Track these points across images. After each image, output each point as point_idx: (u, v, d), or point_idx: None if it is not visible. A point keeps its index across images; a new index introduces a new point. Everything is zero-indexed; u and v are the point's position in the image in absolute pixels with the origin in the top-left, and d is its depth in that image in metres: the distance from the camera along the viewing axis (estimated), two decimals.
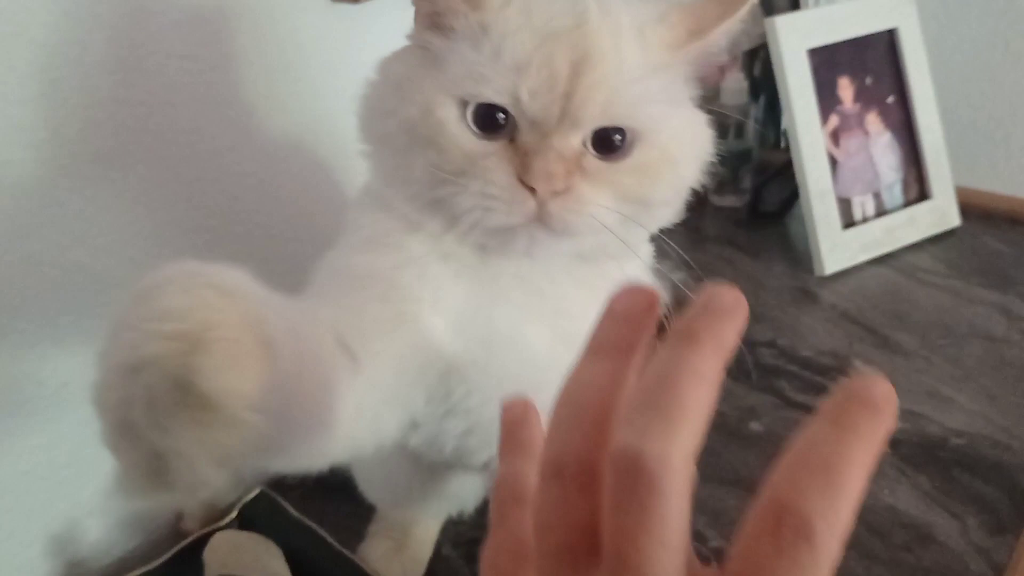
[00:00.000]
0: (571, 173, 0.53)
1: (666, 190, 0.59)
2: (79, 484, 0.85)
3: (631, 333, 0.33)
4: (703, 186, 0.63)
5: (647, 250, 0.67)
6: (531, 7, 0.55)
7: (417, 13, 0.59)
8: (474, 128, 0.55)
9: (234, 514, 0.90)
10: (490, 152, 0.54)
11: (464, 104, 0.55)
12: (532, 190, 0.53)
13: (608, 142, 0.55)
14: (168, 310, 0.36)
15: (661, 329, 0.32)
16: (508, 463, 0.39)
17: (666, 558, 0.29)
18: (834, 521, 0.28)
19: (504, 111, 0.54)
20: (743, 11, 0.57)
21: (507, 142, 0.55)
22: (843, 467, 0.28)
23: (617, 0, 0.57)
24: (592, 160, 0.55)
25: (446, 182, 0.55)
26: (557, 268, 0.61)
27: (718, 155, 0.63)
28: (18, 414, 0.79)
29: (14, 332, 0.77)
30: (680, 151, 0.59)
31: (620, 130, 0.55)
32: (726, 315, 0.31)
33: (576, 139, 0.54)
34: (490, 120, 0.54)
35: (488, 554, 0.37)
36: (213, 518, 0.90)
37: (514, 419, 0.40)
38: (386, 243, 0.60)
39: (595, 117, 0.54)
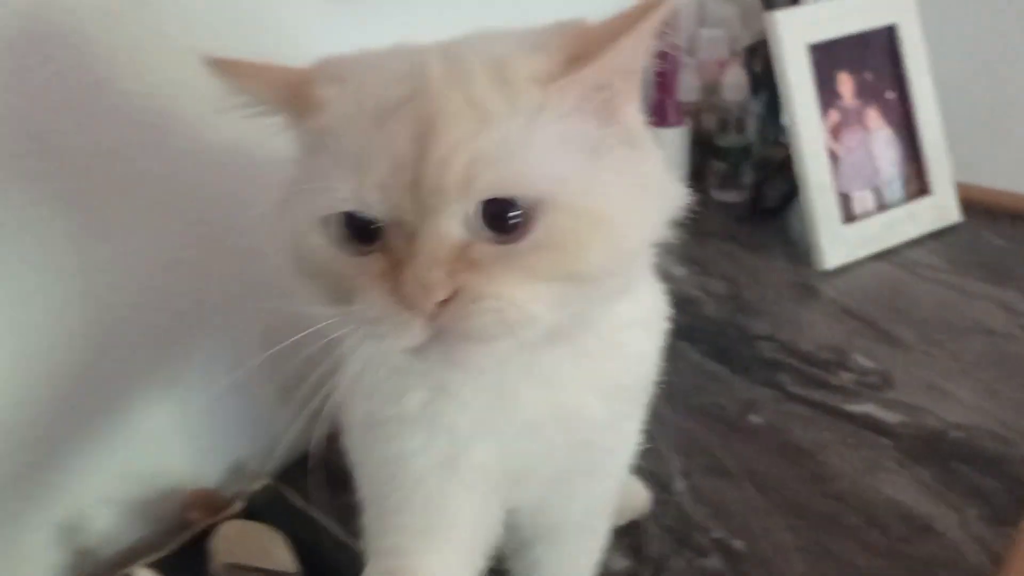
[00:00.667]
0: (455, 272, 0.43)
1: (601, 258, 0.46)
2: (87, 474, 0.86)
3: None
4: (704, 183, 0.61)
5: (644, 282, 0.61)
6: (364, 89, 0.47)
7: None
8: (346, 245, 0.47)
9: (240, 504, 0.91)
10: (363, 269, 0.46)
11: (327, 223, 0.47)
12: (412, 307, 0.44)
13: (501, 220, 0.44)
14: None
15: None
16: None
17: None
18: None
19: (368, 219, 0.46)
20: (647, 26, 0.45)
21: (380, 253, 0.46)
22: None
23: (474, 41, 0.49)
24: (483, 248, 0.45)
25: (335, 313, 0.47)
26: (534, 358, 0.53)
27: (690, 208, 0.53)
28: (25, 405, 0.80)
29: None
30: (610, 208, 0.46)
31: (511, 203, 0.44)
32: None
33: (450, 228, 0.44)
34: (364, 231, 0.46)
35: None
36: (219, 509, 0.90)
37: None
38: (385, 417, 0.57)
39: (460, 195, 0.43)
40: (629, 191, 0.48)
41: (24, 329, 0.78)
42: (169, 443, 0.93)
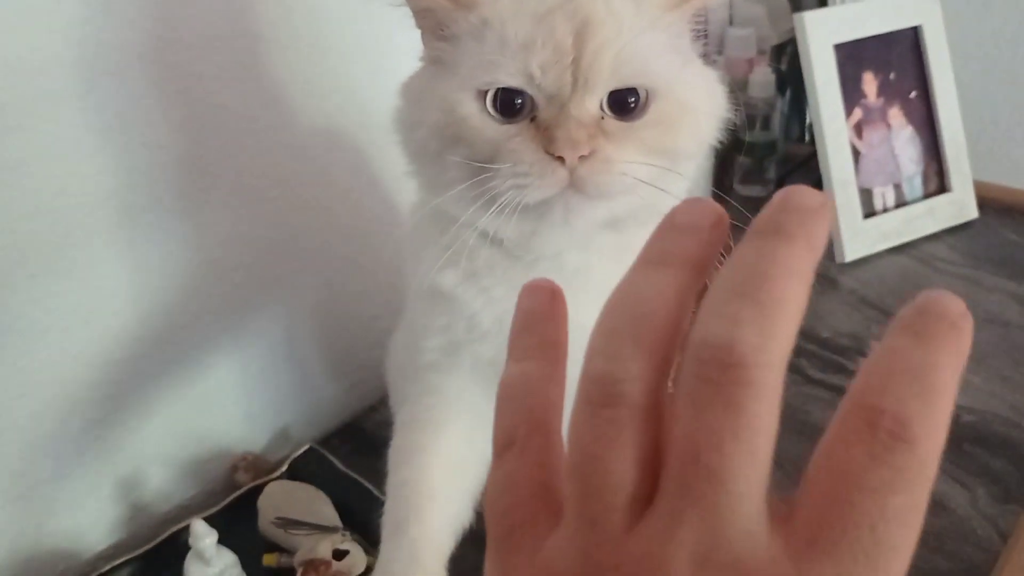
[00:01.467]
0: (593, 137, 0.55)
1: (688, 140, 0.60)
2: (144, 433, 0.91)
3: (698, 247, 0.28)
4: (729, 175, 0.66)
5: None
6: None
7: (422, 31, 0.62)
8: (495, 115, 0.57)
9: (284, 468, 0.95)
10: (514, 134, 0.56)
11: (482, 95, 0.57)
12: (560, 160, 0.54)
13: (623, 105, 0.57)
14: None
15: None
16: (527, 365, 0.31)
17: (751, 471, 0.25)
18: (934, 426, 0.25)
19: (521, 94, 0.57)
20: None
21: (528, 122, 0.57)
22: (936, 373, 0.25)
23: None
24: (611, 122, 0.57)
25: (479, 171, 0.57)
26: (592, 249, 0.63)
27: (735, 113, 0.65)
28: (90, 364, 0.85)
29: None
30: (696, 101, 0.60)
31: (633, 91, 0.57)
32: (815, 212, 0.27)
33: (592, 104, 0.56)
34: (509, 106, 0.57)
35: (500, 488, 0.30)
36: (264, 471, 0.95)
37: (539, 310, 0.32)
38: (440, 259, 0.65)
39: (606, 80, 0.56)
40: (703, 92, 0.62)
41: (98, 293, 0.84)
42: (220, 408, 0.98)
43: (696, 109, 0.60)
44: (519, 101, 0.57)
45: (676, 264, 0.28)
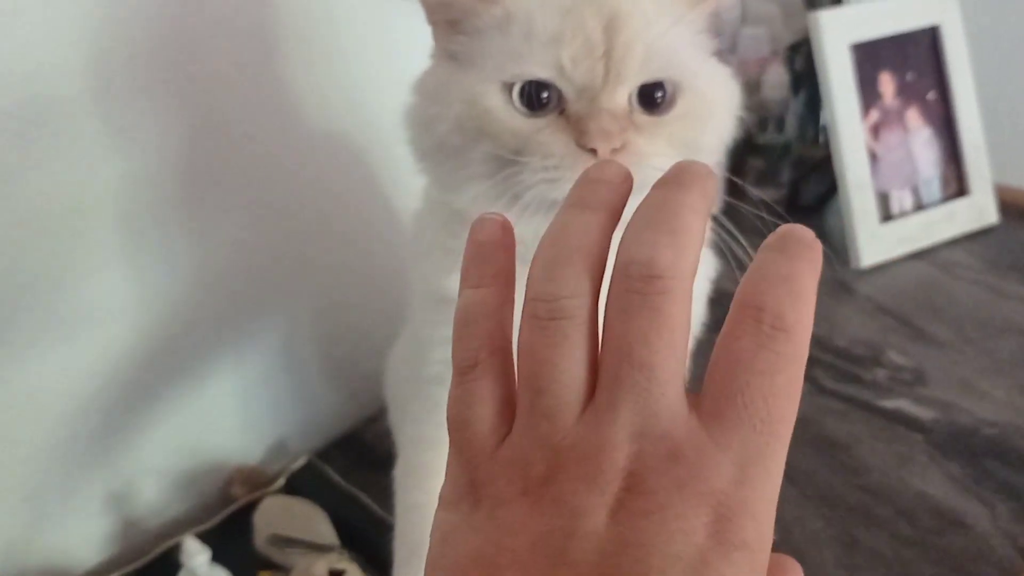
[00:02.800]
0: (625, 130, 0.55)
1: (711, 135, 0.61)
2: (137, 446, 0.89)
3: (612, 195, 0.35)
4: (742, 178, 0.65)
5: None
6: None
7: (435, 28, 0.60)
8: (522, 108, 0.56)
9: (282, 481, 0.93)
10: (542, 127, 0.56)
11: (508, 88, 0.56)
12: (593, 152, 0.54)
13: (651, 99, 0.57)
14: None
15: None
16: (483, 292, 0.36)
17: (673, 361, 0.31)
18: (803, 318, 0.31)
19: (548, 87, 0.56)
20: None
21: (556, 115, 0.56)
22: (801, 279, 0.31)
23: None
24: (640, 116, 0.57)
25: (506, 164, 0.56)
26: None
27: (745, 112, 0.65)
28: (80, 376, 0.83)
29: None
30: (716, 96, 0.61)
31: (660, 85, 0.57)
32: (707, 174, 0.34)
33: (623, 97, 0.56)
34: (536, 99, 0.56)
35: (465, 402, 0.34)
36: (261, 484, 0.93)
37: (491, 241, 0.37)
38: (446, 262, 0.64)
39: (637, 73, 0.56)
40: (722, 88, 0.62)
41: (92, 303, 0.81)
42: (216, 419, 0.96)
43: (718, 103, 0.61)
44: (546, 95, 0.56)
45: (598, 207, 0.35)
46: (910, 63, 1.35)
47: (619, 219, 0.35)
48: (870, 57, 1.31)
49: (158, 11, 0.79)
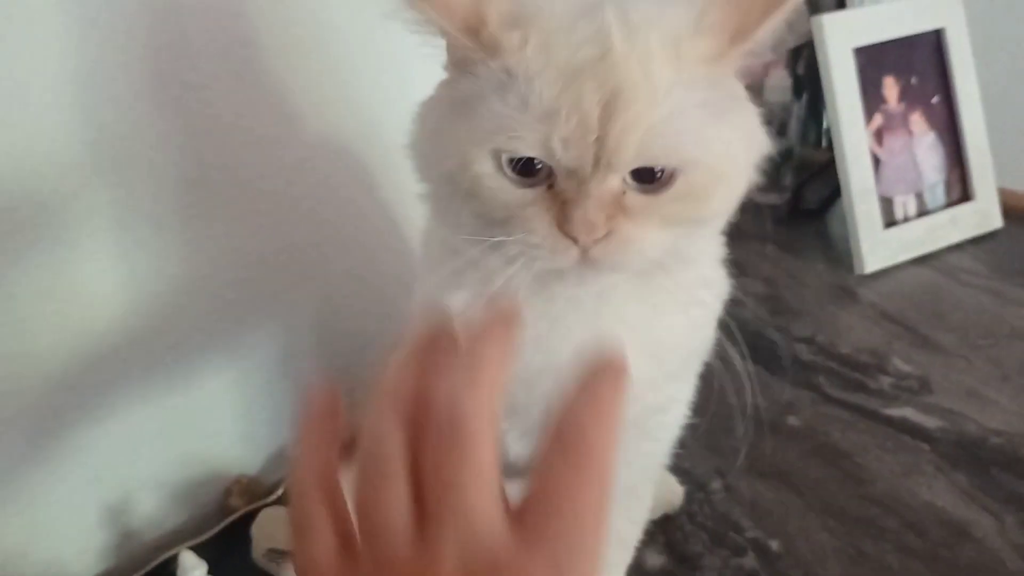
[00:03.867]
0: (612, 217, 0.51)
1: (717, 206, 0.56)
2: (134, 457, 0.88)
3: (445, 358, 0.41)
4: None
5: (715, 247, 0.66)
6: (550, 43, 0.51)
7: (448, 55, 0.57)
8: (512, 176, 0.53)
9: (280, 492, 0.92)
10: (528, 201, 0.53)
11: (499, 155, 0.52)
12: (573, 240, 0.51)
13: (648, 174, 0.52)
14: None
15: None
16: (313, 455, 0.42)
17: (483, 487, 0.37)
18: (605, 442, 0.38)
19: (540, 160, 0.52)
20: (791, 3, 0.52)
21: (546, 188, 0.53)
22: (603, 404, 0.39)
23: (642, 10, 0.53)
24: (633, 196, 0.52)
25: (491, 231, 0.54)
26: (612, 289, 0.59)
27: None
28: (75, 388, 0.82)
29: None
30: (731, 166, 0.55)
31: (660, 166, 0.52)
32: (507, 321, 0.41)
33: (614, 181, 0.52)
34: (528, 167, 0.52)
35: (306, 570, 0.40)
36: (259, 495, 0.92)
37: (315, 412, 0.43)
38: (454, 282, 0.62)
39: (630, 160, 0.51)
40: (740, 145, 0.55)
41: (86, 311, 0.80)
42: (214, 429, 0.95)
43: (729, 174, 0.54)
44: (539, 166, 0.52)
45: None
46: (914, 67, 1.34)
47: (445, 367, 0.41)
48: (873, 61, 1.30)
49: (156, 18, 0.78)
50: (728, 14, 0.52)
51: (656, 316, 0.61)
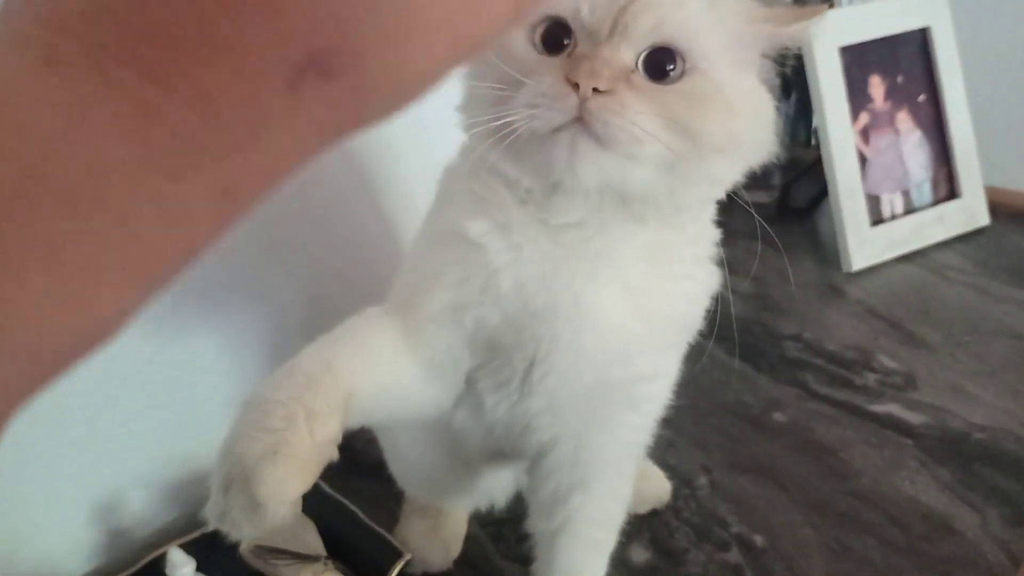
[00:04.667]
0: (616, 79, 0.54)
1: (715, 128, 0.57)
2: (124, 455, 0.88)
3: None
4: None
5: (711, 232, 0.69)
6: None
7: None
8: (540, 47, 0.58)
9: None
10: (547, 63, 0.57)
11: (533, 29, 0.58)
12: (575, 87, 0.54)
13: (660, 70, 0.56)
14: (265, 425, 0.56)
15: None
16: None
17: None
18: None
19: (567, 33, 0.57)
20: (819, 18, 0.60)
21: (565, 57, 0.57)
22: None
23: None
24: (640, 78, 0.56)
25: (503, 94, 0.57)
26: (617, 234, 0.61)
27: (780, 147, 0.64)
28: (64, 386, 0.82)
29: None
30: (736, 98, 0.58)
31: (672, 59, 0.56)
32: None
33: (627, 54, 0.55)
34: (555, 43, 0.57)
35: None
36: None
37: None
38: (473, 207, 0.64)
39: (645, 33, 0.55)
40: (749, 102, 0.60)
41: None
42: (203, 427, 0.95)
43: (732, 102, 0.58)
44: (566, 41, 0.57)
45: None
46: (900, 65, 1.35)
47: None
48: (860, 60, 1.31)
49: None
50: (766, 9, 0.60)
51: (652, 280, 0.63)
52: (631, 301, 0.62)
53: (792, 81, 1.54)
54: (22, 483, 0.82)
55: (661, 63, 0.56)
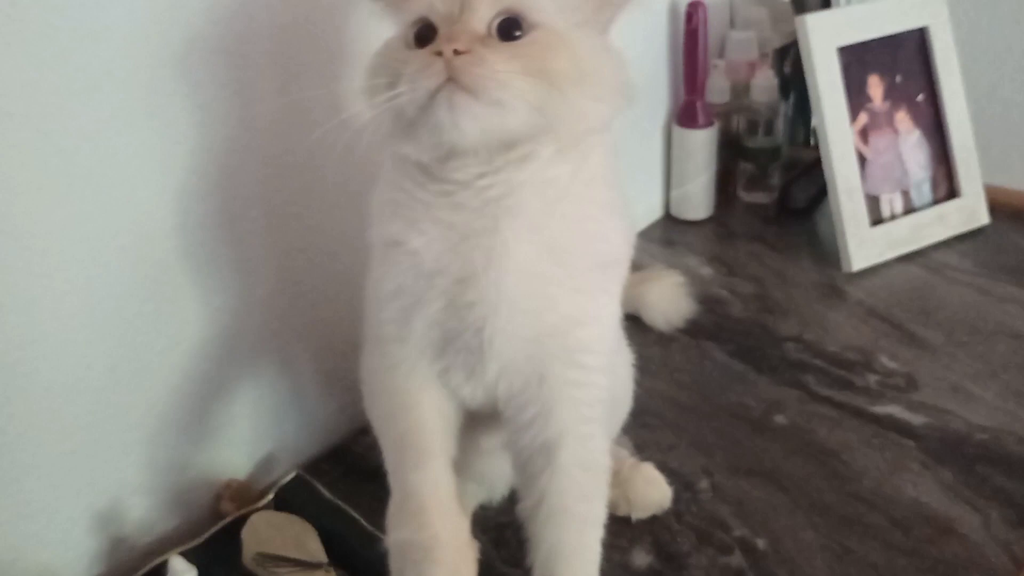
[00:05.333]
0: (473, 42, 0.62)
1: (565, 65, 0.64)
2: (124, 463, 0.88)
3: None
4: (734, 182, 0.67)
5: (608, 179, 0.73)
6: None
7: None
8: (412, 44, 0.66)
9: (270, 496, 0.92)
10: (419, 52, 0.64)
11: (407, 31, 0.67)
12: (439, 55, 0.61)
13: (509, 34, 0.64)
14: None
15: None
16: None
17: None
18: None
19: (431, 28, 0.65)
20: None
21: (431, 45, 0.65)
22: None
23: None
24: (494, 41, 0.64)
25: (390, 82, 0.65)
26: (512, 181, 0.67)
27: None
28: (65, 394, 0.82)
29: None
30: (579, 44, 0.66)
31: (518, 24, 0.64)
32: None
33: (478, 22, 0.63)
34: (424, 39, 0.65)
35: None
36: (250, 500, 0.92)
37: None
38: (390, 213, 0.72)
39: (487, 5, 0.64)
40: (592, 46, 0.67)
41: (70, 321, 0.81)
42: (204, 434, 0.95)
43: (575, 47, 0.65)
44: (432, 36, 0.65)
45: None
46: (899, 65, 1.35)
47: None
48: (858, 60, 1.31)
49: (158, 28, 0.78)
50: None
51: (555, 220, 0.68)
52: (539, 243, 0.68)
53: (791, 80, 1.54)
54: (23, 492, 0.81)
55: (509, 29, 0.64)
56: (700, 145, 1.44)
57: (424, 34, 0.66)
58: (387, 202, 0.73)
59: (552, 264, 0.68)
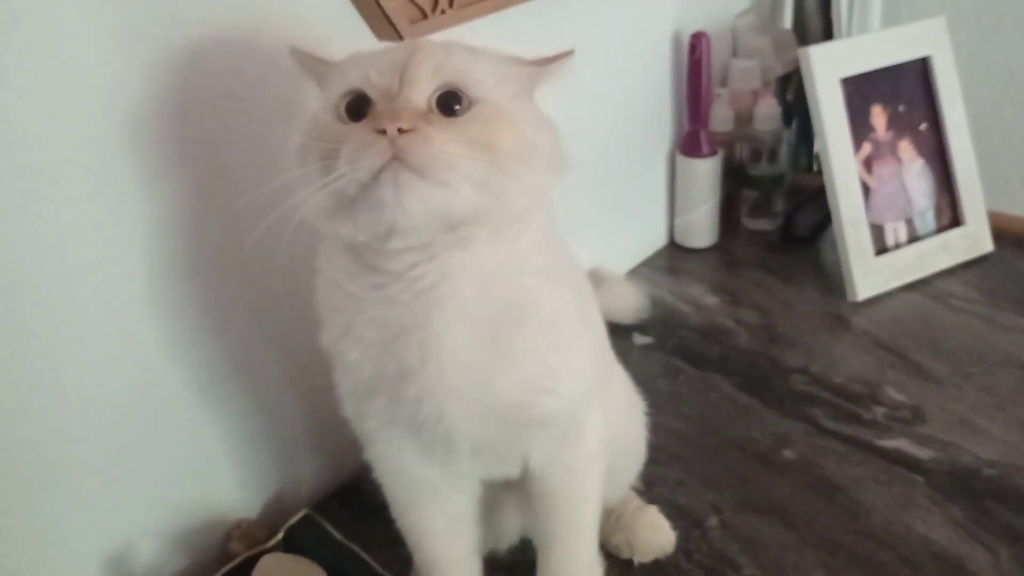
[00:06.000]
0: (415, 119, 0.60)
1: (510, 140, 0.64)
2: (134, 505, 0.88)
3: None
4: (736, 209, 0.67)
5: (547, 246, 0.72)
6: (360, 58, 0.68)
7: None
8: (345, 118, 0.65)
9: (280, 536, 0.92)
10: (356, 127, 0.63)
11: (337, 105, 0.65)
12: (383, 133, 0.59)
13: (449, 108, 0.63)
14: None
15: None
16: None
17: None
18: None
19: (366, 102, 0.64)
20: (568, 59, 0.71)
21: (369, 119, 0.63)
22: None
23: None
24: (436, 117, 0.63)
25: (326, 164, 0.63)
26: (449, 266, 0.67)
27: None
28: (80, 440, 0.82)
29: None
30: (519, 117, 0.66)
31: (457, 97, 0.64)
32: None
33: (419, 99, 0.63)
34: (358, 112, 0.64)
35: None
36: (259, 540, 0.92)
37: None
38: (328, 317, 0.74)
39: (428, 79, 0.63)
40: (532, 118, 0.68)
41: (80, 364, 0.81)
42: (212, 474, 0.95)
43: (516, 120, 0.65)
44: (366, 110, 0.64)
45: None
46: (901, 95, 1.36)
47: None
48: (861, 90, 1.32)
49: (145, 77, 0.79)
50: (525, 58, 0.71)
51: (486, 304, 0.68)
52: (474, 328, 0.67)
53: (794, 108, 1.55)
54: (34, 535, 0.82)
55: (449, 103, 0.63)
56: (704, 174, 1.45)
57: (357, 107, 0.64)
58: (324, 302, 0.74)
59: (489, 346, 0.68)
